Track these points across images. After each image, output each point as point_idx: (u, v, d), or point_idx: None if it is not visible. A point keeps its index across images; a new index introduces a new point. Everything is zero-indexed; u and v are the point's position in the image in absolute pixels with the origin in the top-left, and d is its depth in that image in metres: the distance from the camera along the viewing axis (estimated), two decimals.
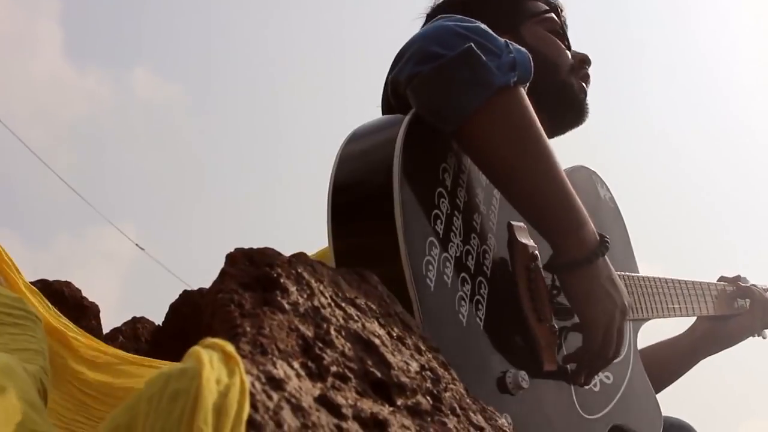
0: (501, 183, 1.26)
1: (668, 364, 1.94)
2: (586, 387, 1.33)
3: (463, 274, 1.16)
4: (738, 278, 2.10)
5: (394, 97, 1.29)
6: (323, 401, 0.66)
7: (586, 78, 1.60)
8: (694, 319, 2.00)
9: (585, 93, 1.60)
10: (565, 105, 1.58)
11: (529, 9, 1.57)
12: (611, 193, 1.71)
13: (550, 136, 1.61)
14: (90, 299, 1.38)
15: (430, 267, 1.10)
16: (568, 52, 1.58)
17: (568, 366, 1.30)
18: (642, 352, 1.74)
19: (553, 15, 1.59)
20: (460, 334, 1.12)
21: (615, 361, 1.43)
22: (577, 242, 1.24)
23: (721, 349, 2.00)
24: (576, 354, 1.31)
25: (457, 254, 1.17)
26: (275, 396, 0.62)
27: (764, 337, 2.05)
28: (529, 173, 1.21)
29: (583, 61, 1.60)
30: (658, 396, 1.65)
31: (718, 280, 2.08)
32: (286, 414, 0.62)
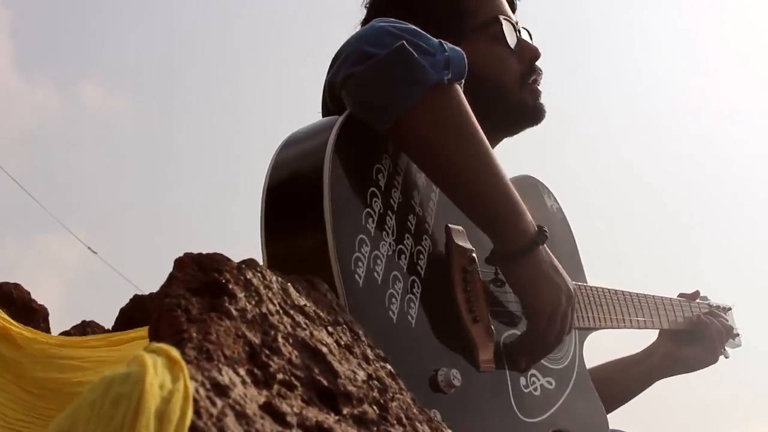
0: (438, 178, 1.27)
1: (624, 383, 1.95)
2: (526, 390, 1.35)
3: (395, 273, 1.17)
4: (697, 294, 2.11)
5: (331, 100, 1.30)
6: (268, 409, 0.65)
7: (537, 77, 1.59)
8: (649, 332, 2.01)
9: (539, 96, 1.59)
10: (523, 120, 1.59)
11: (470, 22, 1.55)
12: (559, 204, 1.72)
13: (504, 137, 1.62)
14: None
15: (360, 263, 1.11)
16: (515, 59, 1.55)
17: (506, 365, 1.31)
18: (599, 369, 1.76)
19: (497, 20, 1.56)
20: (390, 331, 1.12)
21: (559, 366, 1.44)
22: (516, 232, 1.26)
23: (677, 374, 2.01)
24: (518, 341, 1.33)
25: (389, 253, 1.17)
26: (219, 402, 0.62)
27: (726, 357, 2.07)
28: (466, 167, 1.23)
29: (532, 60, 1.58)
30: (615, 412, 1.66)
31: (677, 296, 2.09)
32: (230, 421, 0.61)
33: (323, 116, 1.43)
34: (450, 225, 1.32)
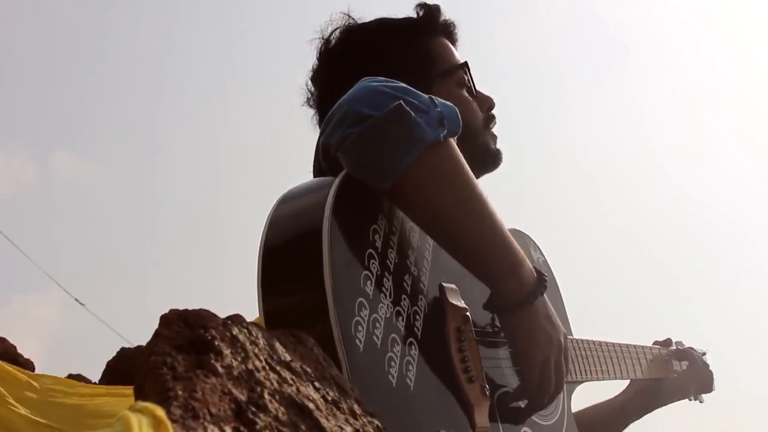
0: (438, 234, 1.28)
1: (601, 424, 1.95)
2: None
3: (393, 335, 1.16)
4: (669, 342, 2.14)
5: (325, 160, 1.29)
6: None
7: (494, 124, 1.66)
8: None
9: (497, 140, 1.65)
10: (485, 163, 1.64)
11: (438, 67, 1.60)
12: (545, 257, 1.74)
13: None
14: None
15: (360, 327, 1.10)
16: (476, 105, 1.63)
17: (500, 423, 1.30)
18: (581, 414, 1.76)
19: (464, 66, 1.64)
20: (390, 395, 1.11)
21: (550, 422, 1.44)
22: (515, 283, 1.27)
23: (655, 408, 2.02)
24: (514, 392, 1.33)
25: (387, 315, 1.17)
26: None
27: (701, 401, 2.09)
28: (466, 222, 1.23)
29: (490, 108, 1.66)
30: None
31: (653, 344, 2.11)
32: None
33: (315, 176, 1.43)
34: (444, 284, 1.32)
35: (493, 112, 1.67)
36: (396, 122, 1.18)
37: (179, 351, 0.69)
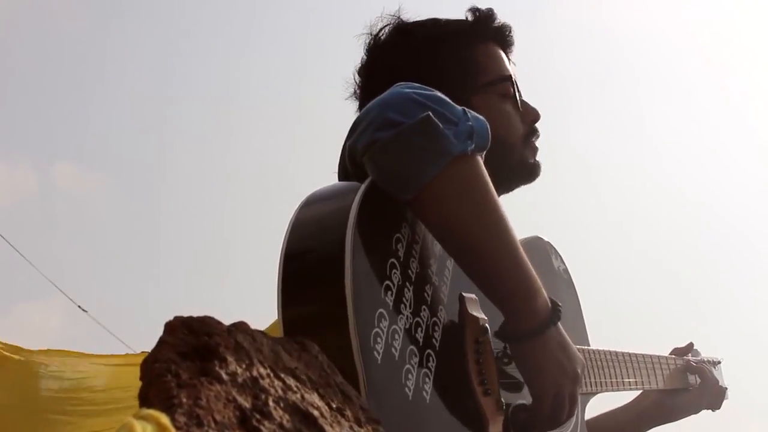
0: (455, 251, 1.25)
1: None
2: None
3: (411, 347, 1.15)
4: (690, 347, 2.13)
5: (351, 165, 1.28)
6: None
7: (537, 137, 1.61)
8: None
9: (537, 153, 1.60)
10: (521, 178, 1.60)
11: (481, 77, 1.56)
12: (565, 265, 1.73)
13: (500, 194, 1.61)
14: None
15: (378, 339, 1.09)
16: (518, 118, 1.57)
17: (517, 427, 1.29)
18: (591, 423, 1.75)
19: (509, 78, 1.58)
20: (406, 408, 1.10)
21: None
22: (528, 313, 1.24)
23: (666, 422, 2.01)
24: (526, 419, 1.31)
25: (407, 326, 1.15)
26: None
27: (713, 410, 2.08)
28: (483, 242, 1.21)
29: (534, 121, 1.60)
30: None
31: (671, 352, 2.10)
32: None
33: (339, 179, 1.42)
34: (464, 294, 1.30)
35: (537, 125, 1.61)
36: (422, 133, 1.17)
37: (184, 358, 0.69)
